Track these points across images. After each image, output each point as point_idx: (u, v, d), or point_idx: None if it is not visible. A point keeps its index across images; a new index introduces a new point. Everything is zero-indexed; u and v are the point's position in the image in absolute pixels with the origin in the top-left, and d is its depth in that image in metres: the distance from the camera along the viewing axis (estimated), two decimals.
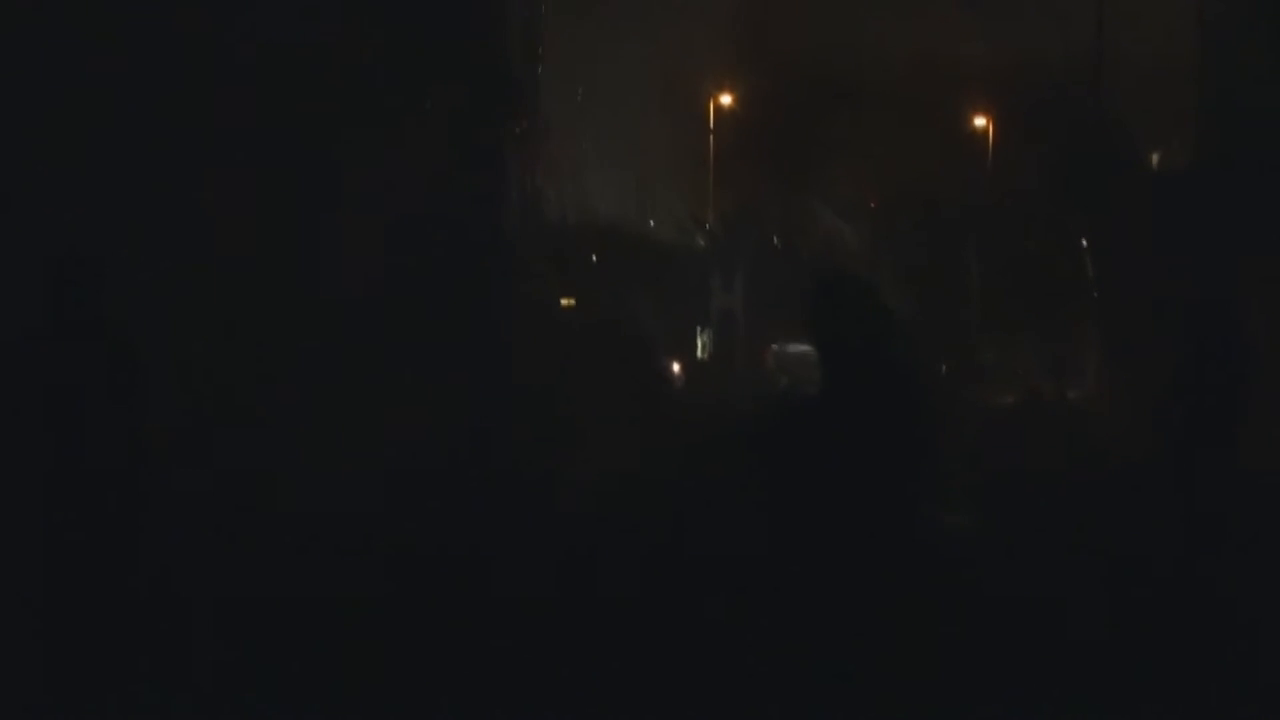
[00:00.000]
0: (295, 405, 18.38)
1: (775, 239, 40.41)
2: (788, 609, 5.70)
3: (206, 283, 19.46)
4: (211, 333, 18.98)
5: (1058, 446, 21.34)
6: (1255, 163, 23.87)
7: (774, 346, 37.83)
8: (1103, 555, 12.44)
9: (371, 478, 15.55)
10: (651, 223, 39.05)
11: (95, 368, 8.43)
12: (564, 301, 35.35)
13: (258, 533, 12.80)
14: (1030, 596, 11.33)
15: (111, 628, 8.30)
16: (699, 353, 40.06)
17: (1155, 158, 28.72)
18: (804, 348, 35.87)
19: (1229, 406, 11.50)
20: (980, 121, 36.90)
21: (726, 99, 39.53)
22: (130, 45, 19.99)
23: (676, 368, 35.90)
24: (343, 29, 25.90)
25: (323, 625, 10.37)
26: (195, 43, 20.85)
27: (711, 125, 39.35)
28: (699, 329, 40.21)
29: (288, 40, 22.96)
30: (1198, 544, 11.32)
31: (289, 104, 23.14)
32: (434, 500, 14.62)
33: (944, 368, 30.08)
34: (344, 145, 24.76)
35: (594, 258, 36.70)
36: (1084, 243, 31.91)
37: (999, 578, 11.79)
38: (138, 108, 19.81)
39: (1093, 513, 14.42)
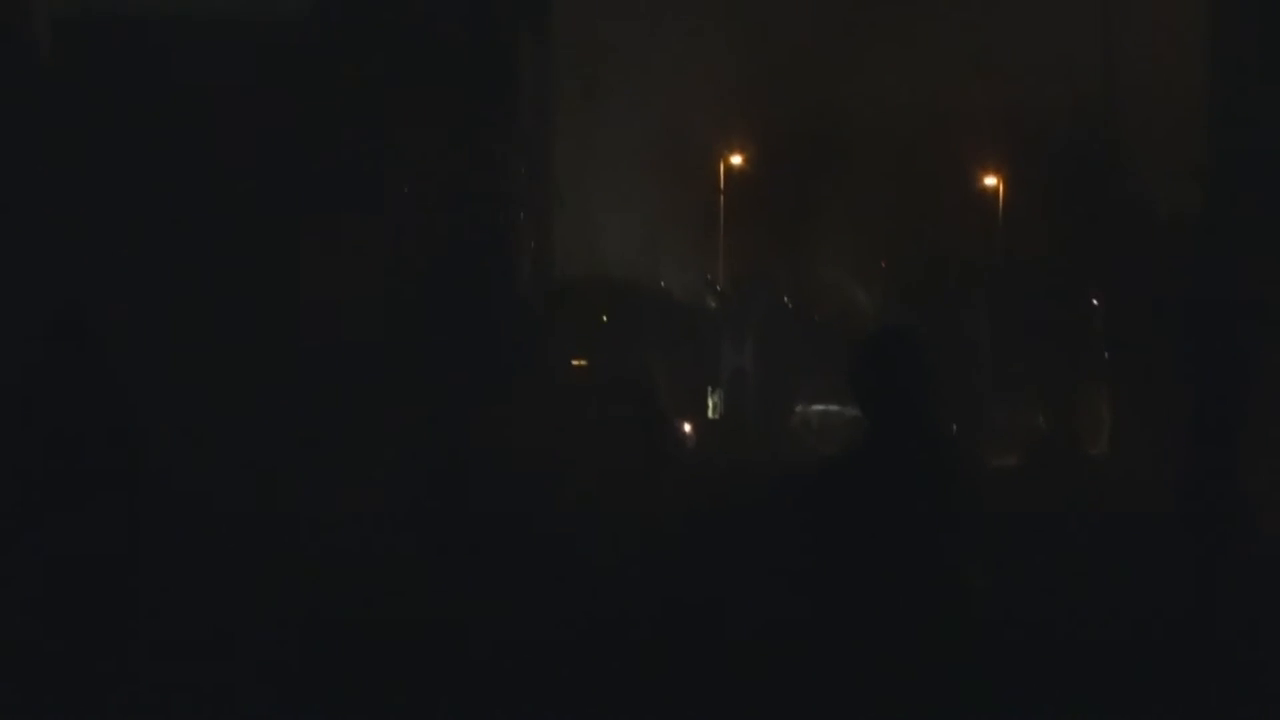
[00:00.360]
0: (305, 477, 18.32)
1: (786, 298, 40.33)
2: (822, 672, 5.62)
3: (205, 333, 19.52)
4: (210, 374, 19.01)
5: (1070, 501, 21.28)
6: (1269, 209, 23.86)
7: (800, 408, 37.73)
8: (1120, 601, 12.38)
9: (379, 533, 15.47)
10: (662, 282, 39.05)
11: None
12: (575, 362, 35.28)
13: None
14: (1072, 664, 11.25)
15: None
16: (710, 413, 39.92)
17: (1166, 207, 28.68)
18: (833, 408, 35.86)
19: (1238, 451, 11.47)
20: (990, 179, 36.93)
21: (737, 159, 39.58)
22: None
23: (688, 427, 35.80)
24: (351, 93, 26.09)
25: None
26: (197, 90, 20.97)
27: (722, 185, 39.39)
28: (710, 389, 40.11)
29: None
30: (1207, 589, 11.26)
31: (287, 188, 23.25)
32: (437, 561, 14.51)
33: (954, 426, 30.00)
34: (350, 206, 24.84)
35: (604, 318, 36.66)
36: (1094, 301, 31.89)
37: (1031, 639, 11.69)
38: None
39: (1109, 562, 14.38)
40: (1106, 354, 30.96)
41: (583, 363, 36.58)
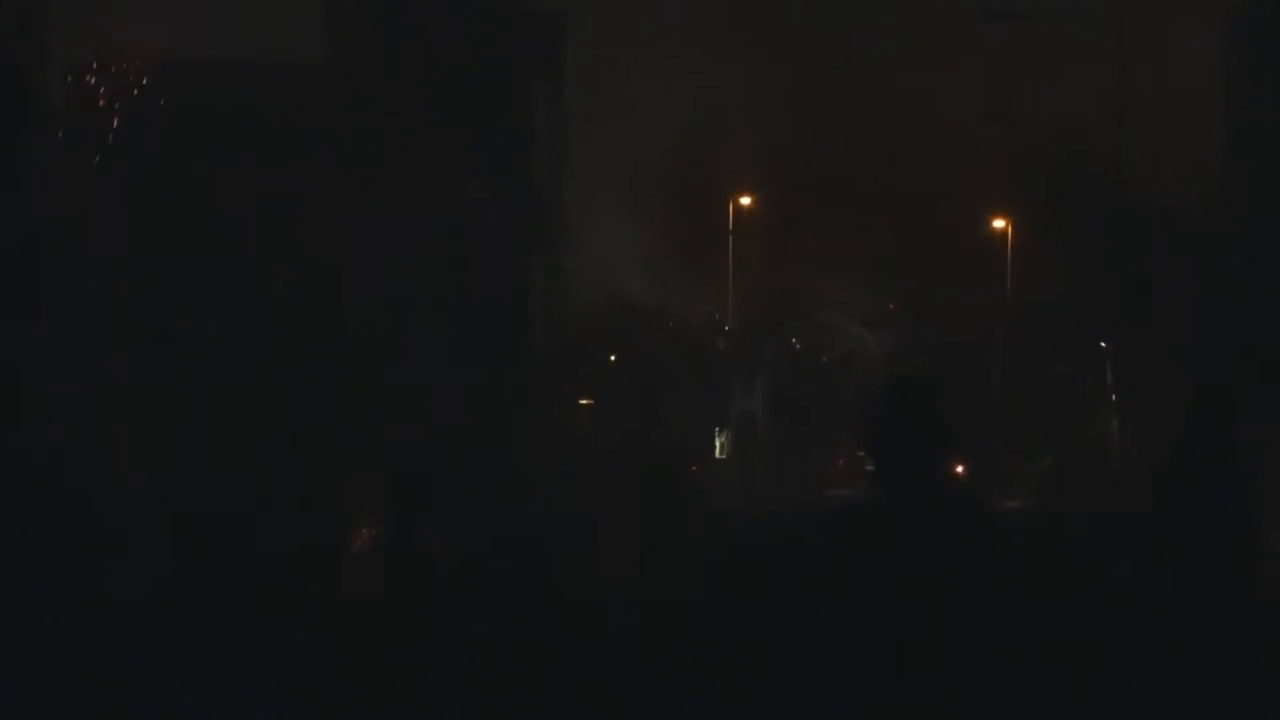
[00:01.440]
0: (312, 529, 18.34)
1: (795, 340, 40.36)
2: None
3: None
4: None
5: (1082, 543, 21.23)
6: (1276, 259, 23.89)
7: (809, 450, 37.75)
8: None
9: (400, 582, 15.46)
10: (670, 323, 39.06)
11: None
12: (582, 401, 35.26)
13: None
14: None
15: None
16: (718, 453, 39.87)
17: (1177, 253, 28.63)
18: (841, 451, 35.84)
19: (1245, 497, 11.46)
20: (999, 224, 36.90)
21: (746, 200, 39.61)
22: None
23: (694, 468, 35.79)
24: (366, 138, 26.23)
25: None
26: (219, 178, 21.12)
27: (731, 226, 39.42)
28: (718, 430, 40.05)
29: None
30: (1217, 632, 11.24)
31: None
32: (461, 615, 14.43)
33: (963, 471, 29.99)
34: (365, 248, 24.93)
35: (612, 358, 36.69)
36: (1103, 344, 31.91)
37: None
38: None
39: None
40: (1114, 397, 30.97)
41: (589, 402, 36.57)
